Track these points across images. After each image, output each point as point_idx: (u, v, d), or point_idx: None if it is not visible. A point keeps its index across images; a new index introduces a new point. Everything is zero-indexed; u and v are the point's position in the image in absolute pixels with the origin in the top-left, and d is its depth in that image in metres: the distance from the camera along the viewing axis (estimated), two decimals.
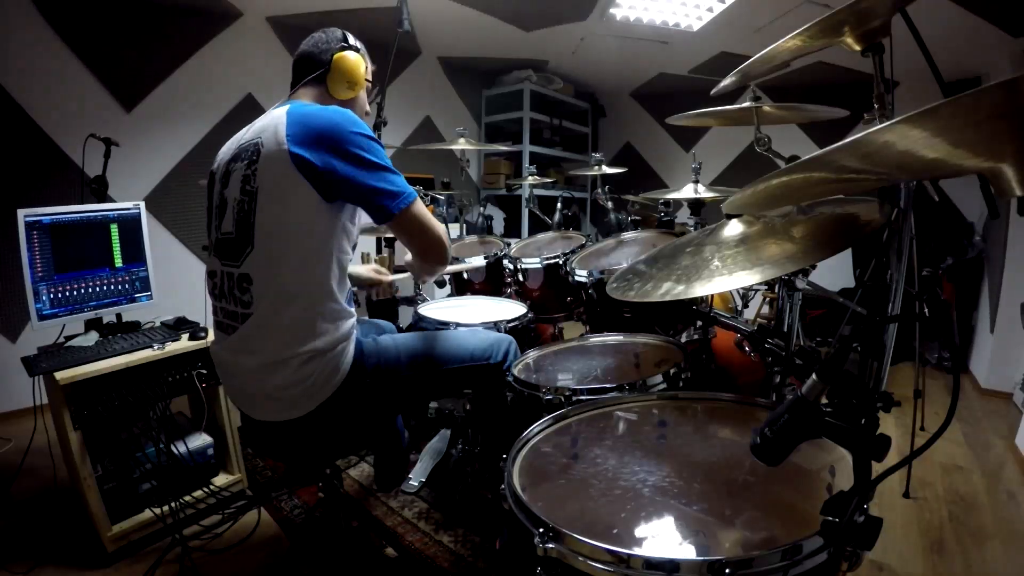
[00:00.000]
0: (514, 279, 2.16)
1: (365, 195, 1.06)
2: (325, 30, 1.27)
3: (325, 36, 1.26)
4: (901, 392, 2.37)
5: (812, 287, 1.33)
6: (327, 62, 1.23)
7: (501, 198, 5.01)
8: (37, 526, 1.80)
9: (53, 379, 1.50)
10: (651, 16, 3.17)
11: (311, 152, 1.02)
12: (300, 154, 1.01)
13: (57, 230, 1.72)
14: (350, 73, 1.24)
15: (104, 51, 2.85)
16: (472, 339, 1.38)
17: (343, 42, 1.26)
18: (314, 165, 1.02)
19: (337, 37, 1.26)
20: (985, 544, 1.70)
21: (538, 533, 0.68)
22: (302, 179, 1.02)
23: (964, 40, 2.85)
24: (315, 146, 1.03)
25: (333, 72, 1.23)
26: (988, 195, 0.92)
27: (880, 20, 0.95)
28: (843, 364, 0.62)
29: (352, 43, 1.27)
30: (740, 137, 4.43)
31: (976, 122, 0.45)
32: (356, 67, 1.25)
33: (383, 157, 1.09)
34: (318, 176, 1.02)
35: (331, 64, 1.23)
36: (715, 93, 1.44)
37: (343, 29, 1.29)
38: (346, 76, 1.24)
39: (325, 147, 1.03)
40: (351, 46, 1.26)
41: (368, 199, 1.07)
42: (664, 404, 1.11)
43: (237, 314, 1.09)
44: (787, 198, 0.91)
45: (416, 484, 1.95)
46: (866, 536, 0.59)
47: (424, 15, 3.34)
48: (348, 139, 1.04)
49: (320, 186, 1.03)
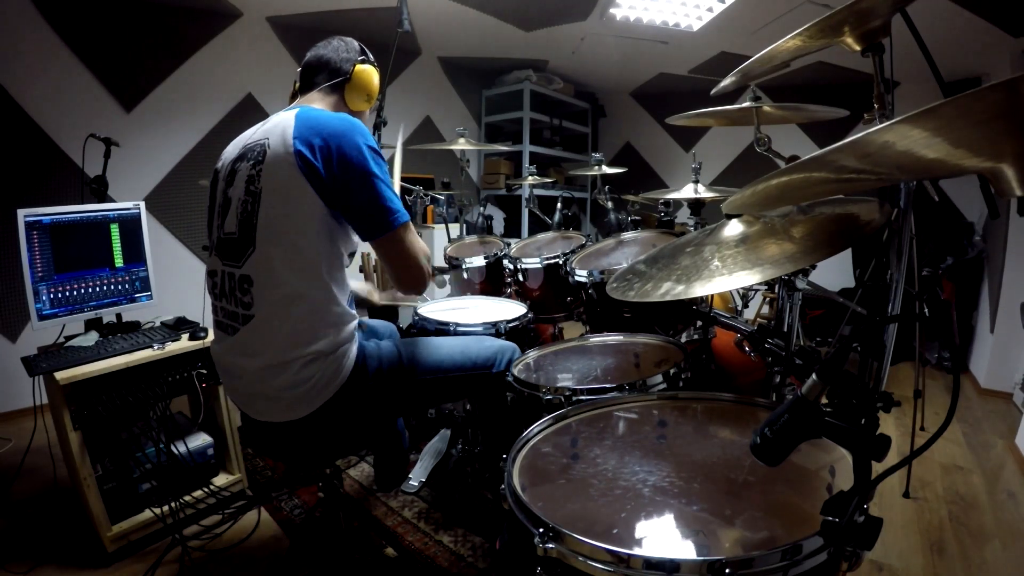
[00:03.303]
0: (514, 279, 2.16)
1: (357, 209, 1.07)
2: (343, 39, 1.29)
3: (345, 45, 1.27)
4: (901, 392, 2.38)
5: (812, 287, 1.33)
6: (348, 72, 1.24)
7: (501, 198, 5.01)
8: (37, 526, 1.80)
9: (53, 379, 1.50)
10: (651, 16, 3.17)
11: (316, 157, 1.02)
12: (306, 157, 1.02)
13: (57, 230, 1.72)
14: (369, 86, 1.27)
15: (104, 51, 2.85)
16: (475, 346, 1.37)
17: (363, 54, 1.28)
18: (318, 171, 1.02)
19: (356, 48, 1.28)
20: (985, 544, 1.70)
21: (538, 533, 0.68)
22: (306, 183, 1.02)
23: (964, 40, 2.85)
24: (321, 152, 1.03)
25: (354, 82, 1.25)
26: (988, 195, 0.92)
27: (880, 20, 0.95)
28: (843, 364, 0.62)
29: (370, 56, 1.30)
30: (740, 137, 4.44)
31: (976, 122, 0.45)
32: (374, 80, 1.28)
33: (385, 174, 1.10)
34: (321, 182, 1.02)
35: (352, 74, 1.24)
36: (715, 93, 1.44)
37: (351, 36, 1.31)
38: (365, 89, 1.27)
39: (331, 154, 1.03)
40: (370, 60, 1.29)
41: (359, 213, 1.07)
42: (664, 404, 1.11)
43: (238, 315, 1.09)
44: (787, 198, 0.91)
45: (416, 484, 1.95)
46: (866, 536, 0.59)
47: (424, 15, 3.34)
48: (356, 149, 1.05)
49: (323, 191, 1.03)
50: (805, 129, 4.18)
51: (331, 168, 1.03)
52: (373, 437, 1.42)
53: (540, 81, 4.59)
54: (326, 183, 1.03)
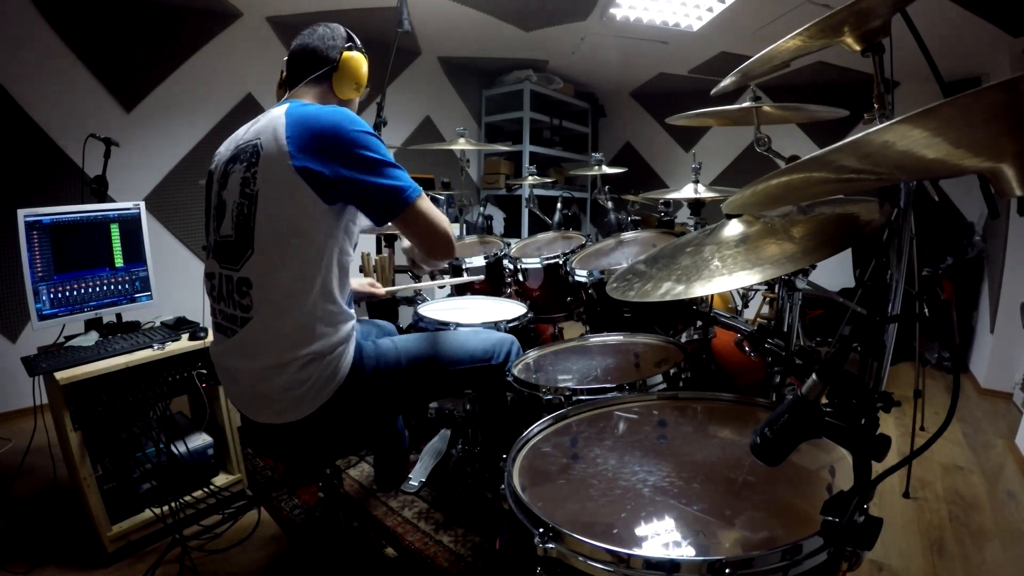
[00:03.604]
0: (514, 279, 2.16)
1: (369, 196, 1.05)
2: (328, 25, 1.25)
3: (331, 32, 1.23)
4: (901, 392, 2.38)
5: (812, 287, 1.33)
6: (335, 60, 1.20)
7: (501, 198, 5.01)
8: (37, 526, 1.79)
9: (53, 379, 1.50)
10: (651, 16, 3.18)
11: (314, 158, 1.01)
12: (301, 157, 1.00)
13: (57, 230, 1.72)
14: (357, 73, 1.23)
15: (104, 51, 2.85)
16: (473, 340, 1.37)
17: (349, 41, 1.24)
18: (320, 173, 1.01)
19: (342, 35, 1.24)
20: (985, 544, 1.70)
21: (538, 533, 0.68)
22: (303, 183, 1.01)
23: (964, 40, 2.85)
24: (318, 152, 1.01)
25: (341, 71, 1.21)
26: (988, 195, 0.92)
27: (880, 20, 0.95)
28: (843, 364, 0.62)
29: (357, 42, 1.26)
30: (740, 137, 4.44)
31: (976, 122, 0.45)
32: (362, 67, 1.24)
33: (386, 153, 1.07)
34: (319, 179, 1.01)
35: (339, 63, 1.21)
36: (715, 93, 1.44)
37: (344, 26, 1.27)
38: (354, 77, 1.23)
39: (328, 151, 1.02)
40: (357, 46, 1.25)
41: (372, 199, 1.06)
42: (664, 404, 1.11)
43: (236, 317, 1.09)
44: (787, 198, 0.91)
45: (416, 484, 1.95)
46: (866, 536, 0.59)
47: (424, 15, 3.34)
48: (351, 140, 1.03)
49: (322, 190, 1.02)
50: (805, 129, 4.18)
51: (329, 163, 1.01)
52: (373, 437, 1.42)
53: (540, 81, 4.59)
54: (328, 179, 1.01)
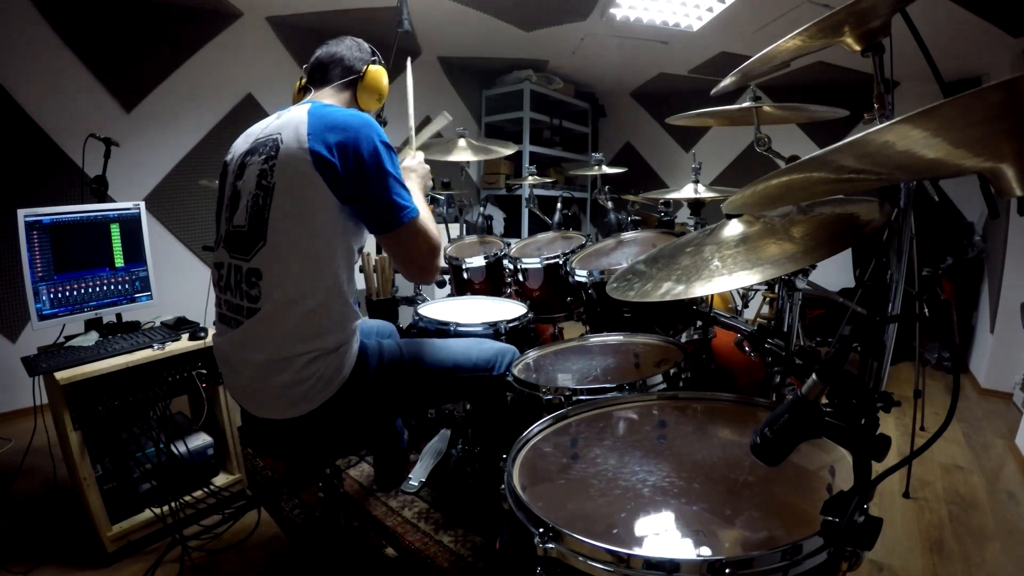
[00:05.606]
0: (514, 279, 2.16)
1: (372, 203, 1.08)
2: (355, 39, 1.33)
3: (358, 45, 1.32)
4: (901, 392, 2.38)
5: (812, 287, 1.33)
6: (361, 71, 1.28)
7: (501, 198, 5.01)
8: (37, 526, 1.79)
9: (53, 379, 1.50)
10: (651, 16, 3.17)
11: (332, 154, 1.03)
12: (321, 154, 1.02)
13: (57, 230, 1.72)
14: (379, 86, 1.31)
15: (104, 51, 2.85)
16: (476, 348, 1.38)
17: (374, 55, 1.33)
18: (333, 167, 1.03)
19: (368, 49, 1.33)
20: (985, 544, 1.70)
21: (538, 533, 0.68)
22: (320, 179, 1.02)
23: (964, 40, 2.85)
24: (337, 148, 1.04)
25: (367, 82, 1.28)
26: (988, 195, 0.92)
27: (880, 20, 0.95)
28: (843, 364, 0.62)
29: (379, 58, 1.34)
30: (740, 137, 4.44)
31: (976, 122, 0.45)
32: (384, 81, 1.32)
33: (399, 170, 1.11)
34: (336, 178, 1.03)
35: (365, 73, 1.28)
36: (715, 93, 1.44)
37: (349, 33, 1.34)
38: (377, 89, 1.31)
39: (347, 150, 1.04)
40: (380, 61, 1.34)
41: (373, 207, 1.08)
42: (664, 404, 1.11)
43: (243, 308, 1.09)
44: (787, 198, 0.91)
45: (416, 484, 1.95)
46: (866, 536, 0.59)
47: (424, 15, 3.34)
48: (372, 146, 1.06)
49: (337, 187, 1.04)
50: (805, 129, 4.18)
51: (347, 164, 1.04)
52: (373, 437, 1.42)
53: (540, 81, 4.59)
54: (341, 179, 1.03)
